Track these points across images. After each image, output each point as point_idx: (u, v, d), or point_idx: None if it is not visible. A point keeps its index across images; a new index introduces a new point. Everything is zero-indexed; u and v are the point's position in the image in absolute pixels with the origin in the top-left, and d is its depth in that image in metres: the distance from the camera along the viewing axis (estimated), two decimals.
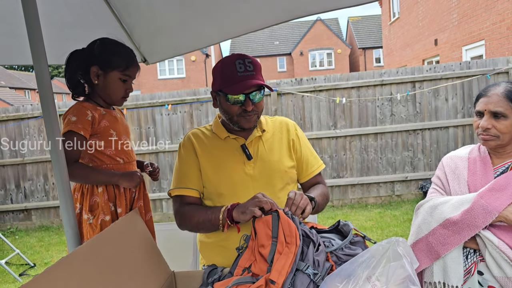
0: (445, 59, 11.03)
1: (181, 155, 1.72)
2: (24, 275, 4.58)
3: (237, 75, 1.53)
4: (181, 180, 1.68)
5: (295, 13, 2.01)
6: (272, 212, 1.32)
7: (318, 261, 1.24)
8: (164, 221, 6.39)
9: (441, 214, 1.60)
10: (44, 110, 1.39)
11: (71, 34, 2.16)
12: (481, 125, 1.64)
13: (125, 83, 1.82)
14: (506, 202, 1.50)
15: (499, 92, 1.61)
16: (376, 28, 28.71)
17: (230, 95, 1.55)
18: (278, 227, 1.26)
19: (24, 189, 6.50)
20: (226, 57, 1.61)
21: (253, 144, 1.69)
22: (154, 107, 6.28)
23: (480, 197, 1.54)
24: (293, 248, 1.22)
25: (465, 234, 1.53)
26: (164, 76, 25.31)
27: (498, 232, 1.50)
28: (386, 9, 16.58)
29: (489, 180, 1.61)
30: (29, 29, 1.37)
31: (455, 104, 6.01)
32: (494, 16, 8.44)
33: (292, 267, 1.19)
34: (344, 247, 1.35)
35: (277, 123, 1.80)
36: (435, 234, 1.59)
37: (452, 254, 1.55)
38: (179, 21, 2.13)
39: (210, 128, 1.76)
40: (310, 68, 28.82)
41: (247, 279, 1.22)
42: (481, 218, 1.50)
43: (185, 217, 1.64)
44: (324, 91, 6.14)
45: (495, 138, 1.62)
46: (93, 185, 1.79)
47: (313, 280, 1.18)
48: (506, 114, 1.59)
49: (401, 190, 6.25)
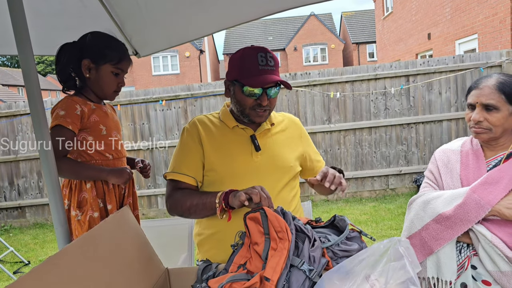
0: (438, 53, 11.05)
1: (183, 140, 1.68)
2: (18, 273, 4.55)
3: (258, 68, 1.52)
4: (179, 165, 1.64)
5: (288, 4, 2.00)
6: (259, 210, 1.29)
7: (314, 257, 1.22)
8: (159, 217, 6.37)
9: (434, 209, 1.59)
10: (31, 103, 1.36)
11: (59, 24, 2.12)
12: (472, 118, 1.61)
13: (117, 76, 1.79)
14: (499, 196, 1.48)
15: (491, 84, 1.58)
16: (370, 23, 28.69)
17: (247, 87, 1.53)
18: (268, 224, 1.25)
19: (17, 186, 6.45)
20: (247, 48, 1.59)
21: (262, 136, 1.67)
22: (148, 103, 6.24)
23: (472, 191, 1.52)
24: (286, 243, 1.20)
25: (458, 229, 1.52)
26: (159, 72, 25.17)
27: (492, 226, 1.49)
28: (380, 3, 16.57)
29: (481, 173, 1.59)
30: (13, 17, 1.33)
31: (448, 98, 6.03)
32: (487, 10, 8.45)
33: (286, 263, 1.18)
34: (340, 242, 1.34)
35: (285, 119, 1.80)
36: (428, 229, 1.58)
37: (445, 249, 1.55)
38: (171, 11, 2.10)
39: (217, 116, 1.73)
40: (304, 63, 28.79)
41: (241, 276, 1.21)
42: (473, 213, 1.49)
43: (176, 202, 1.61)
44: (319, 86, 6.13)
45: (487, 131, 1.59)
46: (81, 181, 1.76)
47: (308, 276, 1.17)
48: (497, 106, 1.55)
49: (395, 184, 6.27)
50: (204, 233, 1.67)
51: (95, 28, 1.81)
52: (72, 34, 1.80)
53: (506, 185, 1.49)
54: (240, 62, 1.57)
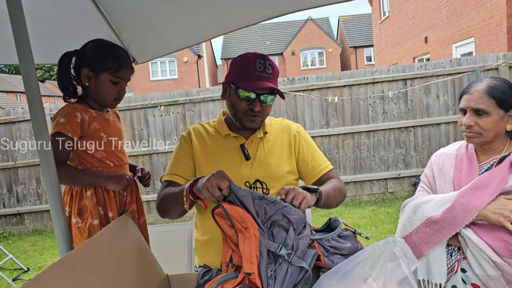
0: (435, 57, 11.10)
1: (178, 147, 1.73)
2: (17, 280, 4.53)
3: (255, 73, 1.53)
4: (172, 168, 1.68)
5: (286, 9, 2.00)
6: (219, 205, 1.26)
7: (297, 244, 1.22)
8: (159, 222, 6.36)
9: (423, 212, 1.61)
10: (32, 110, 1.37)
11: (57, 32, 2.13)
12: (463, 122, 1.62)
13: (116, 85, 1.79)
14: (486, 201, 1.49)
15: (481, 89, 1.59)
16: (367, 27, 28.83)
17: (242, 90, 1.54)
18: (230, 217, 1.23)
19: (16, 193, 6.44)
20: (248, 53, 1.60)
21: (253, 145, 1.68)
22: (147, 109, 6.25)
23: (461, 196, 1.54)
24: (251, 231, 1.19)
25: (446, 233, 1.54)
26: (157, 78, 25.18)
27: (479, 231, 1.50)
28: (376, 8, 16.65)
29: (473, 177, 1.60)
30: (14, 26, 1.34)
31: (446, 101, 6.05)
32: (483, 13, 8.50)
33: (260, 250, 1.17)
34: (331, 239, 1.34)
35: (281, 126, 1.78)
36: (418, 232, 1.60)
37: (435, 252, 1.56)
38: (169, 18, 2.11)
39: (213, 125, 1.76)
40: (302, 67, 28.88)
41: (230, 275, 1.20)
42: (461, 217, 1.51)
43: (160, 199, 1.61)
44: (316, 90, 6.15)
45: (478, 135, 1.60)
46: (82, 188, 1.76)
47: (289, 261, 1.17)
48: (487, 110, 1.56)
49: (394, 187, 6.28)
50: (200, 239, 1.68)
51: (93, 36, 1.81)
52: (70, 43, 1.81)
53: (494, 190, 1.51)
54: (239, 66, 1.59)
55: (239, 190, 1.26)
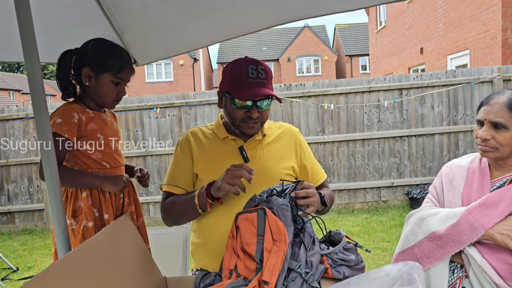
0: (430, 68, 11.20)
1: (177, 154, 1.71)
2: (6, 279, 4.48)
3: (248, 81, 1.50)
4: (171, 178, 1.69)
5: (285, 18, 2.02)
6: (258, 210, 1.27)
7: (312, 261, 1.23)
8: (151, 225, 6.32)
9: (428, 226, 1.55)
10: (36, 109, 1.36)
11: (60, 32, 2.12)
12: (479, 135, 1.53)
13: (117, 86, 1.77)
14: (494, 220, 1.42)
15: (501, 102, 1.49)
16: (363, 36, 29.02)
17: (237, 100, 1.52)
18: (265, 225, 1.23)
19: (7, 192, 6.37)
20: (239, 60, 1.57)
21: (252, 148, 1.67)
22: (143, 110, 6.24)
23: (468, 212, 1.46)
24: (282, 245, 1.19)
25: (450, 249, 1.47)
26: (152, 80, 25.14)
27: (484, 250, 1.43)
28: (373, 17, 16.79)
29: (484, 193, 1.52)
30: (21, 25, 1.33)
31: (441, 112, 6.11)
32: (479, 26, 8.61)
33: (283, 265, 1.18)
34: (338, 251, 1.36)
35: (281, 129, 1.77)
36: (421, 246, 1.54)
37: (436, 268, 1.50)
38: (171, 23, 2.12)
39: (211, 128, 1.75)
40: (297, 74, 29.00)
41: (239, 282, 1.20)
42: (466, 235, 1.44)
43: (166, 209, 1.65)
44: (313, 97, 6.18)
45: (494, 150, 1.51)
46: (77, 189, 1.74)
47: (305, 279, 1.17)
48: (506, 125, 1.47)
49: (387, 196, 6.31)
50: (196, 242, 1.67)
51: (95, 36, 1.79)
52: (72, 42, 1.79)
53: (503, 209, 1.43)
54: (231, 74, 1.56)
55: (278, 199, 1.31)
